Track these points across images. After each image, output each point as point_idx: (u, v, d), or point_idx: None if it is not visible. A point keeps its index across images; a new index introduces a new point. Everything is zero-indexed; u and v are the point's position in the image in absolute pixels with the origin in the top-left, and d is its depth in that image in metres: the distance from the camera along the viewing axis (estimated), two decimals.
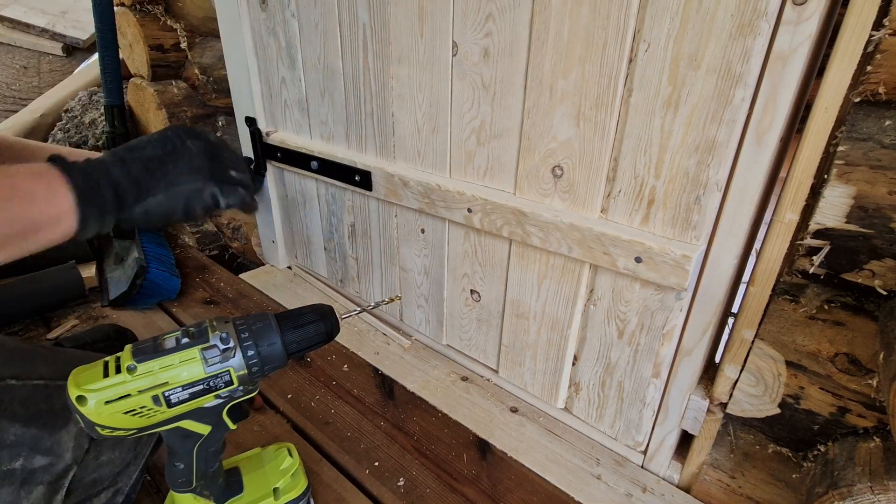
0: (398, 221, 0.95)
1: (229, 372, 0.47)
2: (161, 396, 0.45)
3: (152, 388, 0.44)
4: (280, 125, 1.11)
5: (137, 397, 0.44)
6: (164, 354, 0.45)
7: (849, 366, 0.56)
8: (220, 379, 0.47)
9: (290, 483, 0.55)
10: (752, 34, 0.50)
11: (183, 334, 0.47)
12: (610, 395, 0.77)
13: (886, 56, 0.44)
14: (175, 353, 0.46)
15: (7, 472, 0.51)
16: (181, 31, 1.35)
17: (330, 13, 0.88)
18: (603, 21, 0.58)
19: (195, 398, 0.47)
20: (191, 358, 0.46)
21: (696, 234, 0.60)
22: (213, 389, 0.47)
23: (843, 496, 0.50)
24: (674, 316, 0.65)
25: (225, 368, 0.47)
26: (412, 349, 1.03)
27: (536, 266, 0.76)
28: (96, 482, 0.59)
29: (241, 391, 0.49)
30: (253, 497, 0.53)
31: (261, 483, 0.54)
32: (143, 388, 0.44)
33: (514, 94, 0.69)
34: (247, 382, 0.49)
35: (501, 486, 0.75)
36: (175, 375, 0.45)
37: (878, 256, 0.51)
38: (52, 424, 0.54)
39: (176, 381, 0.45)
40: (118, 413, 0.44)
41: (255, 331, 0.49)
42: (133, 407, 0.44)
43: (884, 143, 0.47)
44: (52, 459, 0.54)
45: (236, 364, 0.47)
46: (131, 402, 0.44)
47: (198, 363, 0.46)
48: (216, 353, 0.46)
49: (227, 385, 0.48)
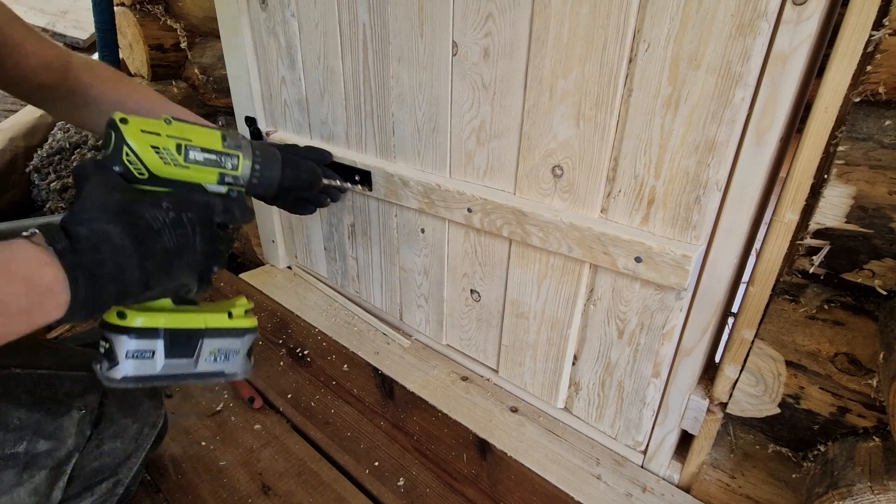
0: (398, 221, 0.95)
1: (238, 157, 0.57)
2: (183, 147, 0.52)
3: (178, 138, 0.52)
4: (280, 125, 1.11)
5: (165, 139, 0.51)
6: (193, 124, 0.55)
7: (849, 366, 0.56)
8: (229, 159, 0.56)
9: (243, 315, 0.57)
10: (752, 34, 0.50)
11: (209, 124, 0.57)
12: (610, 395, 0.77)
13: (886, 56, 0.44)
14: (201, 127, 0.56)
15: (10, 455, 0.52)
16: (181, 31, 1.35)
17: (330, 13, 0.88)
18: (603, 21, 0.58)
19: (206, 165, 0.54)
20: (213, 133, 0.56)
21: (696, 234, 0.60)
22: (220, 165, 0.55)
23: (843, 496, 0.50)
24: (674, 316, 0.65)
25: (236, 153, 0.57)
26: (412, 349, 1.03)
27: (536, 266, 0.76)
28: (97, 471, 0.60)
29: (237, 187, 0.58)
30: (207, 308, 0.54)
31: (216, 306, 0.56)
32: (171, 135, 0.52)
33: (514, 94, 0.69)
34: (245, 182, 0.58)
35: (501, 485, 0.75)
36: (198, 136, 0.54)
37: (878, 256, 0.51)
38: (56, 410, 0.55)
39: (197, 141, 0.54)
40: (147, 145, 0.50)
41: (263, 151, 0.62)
42: (159, 145, 0.51)
43: (884, 143, 0.47)
44: (54, 444, 0.54)
45: (246, 156, 0.58)
46: (159, 140, 0.51)
47: (218, 139, 0.56)
48: (233, 142, 0.57)
49: (233, 169, 0.57)
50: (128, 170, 0.49)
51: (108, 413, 0.61)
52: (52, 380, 0.57)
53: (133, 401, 0.65)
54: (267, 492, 0.74)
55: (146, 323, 0.48)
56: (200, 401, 0.90)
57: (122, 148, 0.48)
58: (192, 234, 0.50)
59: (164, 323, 0.49)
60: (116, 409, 0.62)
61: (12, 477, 0.52)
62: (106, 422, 0.61)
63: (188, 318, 0.52)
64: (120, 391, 0.60)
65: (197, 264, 0.52)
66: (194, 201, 0.52)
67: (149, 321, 0.48)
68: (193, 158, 0.53)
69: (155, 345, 0.49)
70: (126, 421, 0.63)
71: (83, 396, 0.58)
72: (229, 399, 0.91)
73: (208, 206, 0.54)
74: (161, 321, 0.49)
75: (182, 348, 0.51)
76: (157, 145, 0.50)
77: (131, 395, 0.65)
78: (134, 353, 0.48)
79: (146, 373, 0.49)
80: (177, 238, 0.48)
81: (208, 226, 0.53)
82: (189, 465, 0.78)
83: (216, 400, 0.90)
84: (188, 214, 0.50)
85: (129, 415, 0.64)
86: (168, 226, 0.48)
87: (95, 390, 0.60)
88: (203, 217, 0.52)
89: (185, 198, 0.52)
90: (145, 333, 0.48)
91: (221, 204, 0.55)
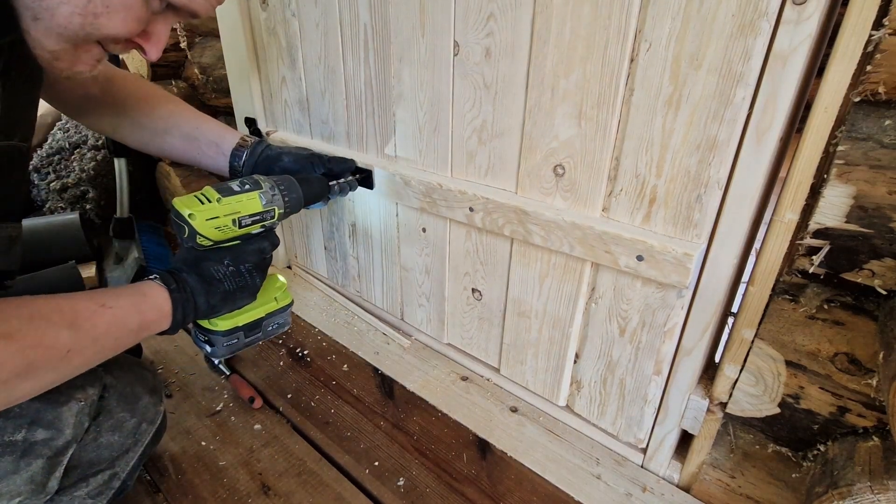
0: (399, 220, 0.95)
1: (274, 210, 0.71)
2: (237, 219, 0.67)
3: (232, 214, 0.66)
4: (280, 125, 1.11)
5: (223, 219, 0.65)
6: (237, 194, 0.67)
7: (848, 365, 0.56)
8: (269, 213, 0.71)
9: (283, 295, 0.76)
10: (753, 34, 0.50)
11: (241, 183, 0.69)
12: (611, 393, 0.77)
13: (886, 56, 0.45)
14: (244, 194, 0.68)
15: (8, 442, 0.52)
16: (181, 31, 1.35)
17: (330, 12, 0.88)
18: (604, 21, 0.58)
19: (253, 224, 0.69)
20: (253, 198, 0.69)
21: (698, 233, 0.60)
22: (262, 220, 0.70)
23: (843, 496, 0.50)
24: (675, 314, 0.65)
25: (272, 207, 0.71)
26: (412, 349, 1.03)
27: (538, 265, 0.77)
28: (94, 463, 0.60)
29: (275, 224, 0.74)
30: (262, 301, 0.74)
31: (265, 296, 0.74)
32: (226, 213, 0.66)
33: (516, 94, 0.69)
34: (279, 219, 0.73)
35: (501, 485, 0.75)
36: (244, 207, 0.67)
37: (877, 256, 0.51)
38: (55, 400, 0.56)
39: (245, 211, 0.68)
40: (212, 227, 0.64)
41: (287, 185, 0.74)
42: (220, 225, 0.65)
43: (883, 143, 0.47)
44: (52, 433, 0.55)
45: (278, 204, 0.72)
46: (220, 221, 0.65)
47: (258, 203, 0.69)
48: (267, 197, 0.70)
49: (271, 219, 0.71)
50: (199, 244, 0.66)
51: (108, 406, 0.62)
52: None
53: (132, 396, 0.65)
54: (267, 491, 0.73)
55: (230, 325, 0.69)
56: (200, 401, 0.90)
57: (196, 235, 0.64)
58: (249, 277, 0.69)
59: (241, 321, 0.70)
60: (116, 403, 0.63)
61: (9, 464, 0.52)
62: (105, 414, 0.61)
63: (253, 314, 0.72)
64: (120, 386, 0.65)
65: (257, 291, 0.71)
66: (250, 251, 0.69)
67: (231, 324, 0.69)
68: (244, 224, 0.68)
69: (238, 335, 0.71)
70: (125, 415, 0.63)
71: (83, 388, 0.59)
72: (229, 399, 0.91)
73: (261, 251, 0.71)
74: (239, 321, 0.70)
75: (253, 330, 0.73)
76: (220, 226, 0.65)
77: (131, 391, 0.65)
78: (226, 343, 0.70)
79: (235, 349, 0.72)
80: (236, 283, 0.67)
81: (264, 265, 0.72)
82: (189, 464, 0.78)
83: (216, 400, 0.90)
84: (245, 266, 0.68)
85: (128, 409, 0.64)
86: (228, 276, 0.66)
87: (96, 383, 0.61)
88: (259, 261, 0.70)
89: (242, 251, 0.69)
90: (230, 332, 0.69)
91: (268, 242, 0.72)
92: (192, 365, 0.99)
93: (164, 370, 0.97)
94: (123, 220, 1.26)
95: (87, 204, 1.39)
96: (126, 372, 0.66)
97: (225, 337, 0.69)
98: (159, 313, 0.60)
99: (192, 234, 0.64)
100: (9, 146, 0.55)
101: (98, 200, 1.39)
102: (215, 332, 0.69)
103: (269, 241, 0.73)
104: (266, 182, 0.71)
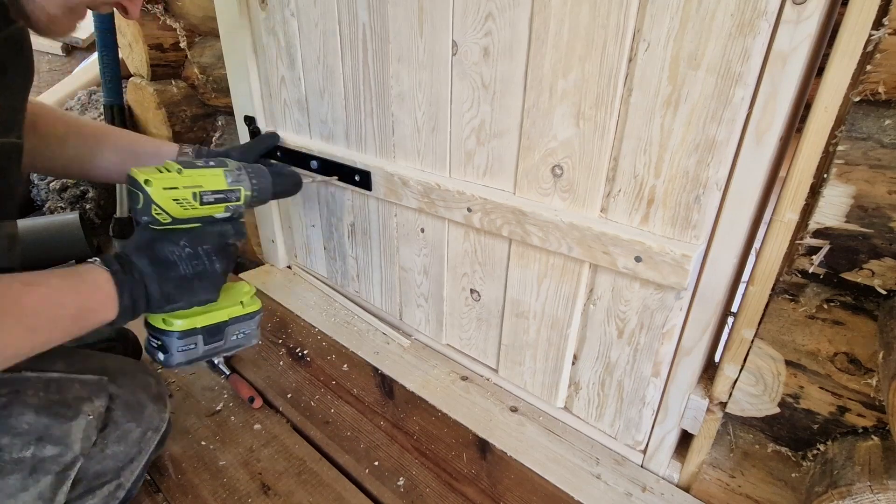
0: (398, 221, 0.95)
1: (240, 190, 0.67)
2: (198, 194, 0.62)
3: (193, 187, 0.62)
4: (279, 124, 1.11)
5: (182, 191, 0.61)
6: (201, 168, 0.64)
7: (848, 365, 0.56)
8: (233, 193, 0.66)
9: (250, 300, 0.72)
10: (752, 33, 0.50)
11: (206, 161, 0.67)
12: (610, 395, 0.77)
13: (886, 55, 0.44)
14: (207, 169, 0.65)
15: (18, 459, 0.52)
16: (180, 31, 1.35)
17: (329, 12, 0.88)
18: (603, 20, 0.58)
19: (216, 203, 0.65)
20: (217, 174, 0.65)
21: (696, 234, 0.60)
22: (227, 200, 0.66)
23: (843, 495, 0.50)
24: (673, 315, 0.65)
25: (238, 187, 0.67)
26: (412, 349, 1.03)
27: (536, 265, 0.76)
28: (100, 475, 0.60)
29: (241, 211, 0.70)
30: (226, 303, 0.69)
31: (230, 298, 0.70)
32: (186, 185, 0.61)
33: (514, 94, 0.69)
34: (246, 203, 0.69)
35: (501, 485, 0.75)
36: (207, 181, 0.64)
37: (877, 256, 0.51)
38: (64, 415, 0.55)
39: (208, 186, 0.64)
40: (170, 199, 0.60)
41: (255, 171, 0.71)
42: (179, 197, 0.61)
43: (883, 143, 0.47)
44: (61, 450, 0.55)
45: (245, 185, 0.68)
46: (179, 192, 0.60)
47: (222, 179, 0.65)
48: (233, 176, 0.67)
49: (237, 200, 0.67)
50: (155, 219, 0.61)
51: (114, 418, 0.61)
52: (62, 383, 0.57)
53: (137, 406, 0.65)
54: (267, 491, 0.74)
55: (186, 325, 0.63)
56: (200, 401, 0.90)
57: (151, 205, 0.59)
58: (208, 262, 0.64)
59: (200, 323, 0.65)
60: (122, 414, 0.62)
61: (18, 482, 0.52)
62: (111, 426, 0.61)
63: (215, 315, 0.67)
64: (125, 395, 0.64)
65: (219, 284, 0.66)
66: (209, 234, 0.65)
67: (188, 324, 0.63)
68: (207, 201, 0.64)
69: (196, 339, 0.65)
70: (130, 425, 0.63)
71: (91, 401, 0.58)
72: (229, 399, 0.91)
73: (222, 234, 0.66)
74: (198, 322, 0.64)
75: (214, 336, 0.67)
76: (178, 198, 0.61)
77: (136, 400, 0.65)
78: (182, 347, 0.64)
79: (191, 357, 0.66)
80: (193, 267, 0.62)
81: (226, 250, 0.67)
82: (189, 464, 0.78)
83: (216, 400, 0.90)
84: (204, 247, 0.63)
85: (134, 419, 0.64)
86: (183, 259, 0.61)
87: (103, 394, 0.60)
88: (218, 244, 0.65)
89: (201, 233, 0.64)
90: (188, 333, 0.63)
91: (231, 228, 0.68)
92: (192, 365, 0.99)
93: (163, 370, 0.98)
94: (123, 220, 1.26)
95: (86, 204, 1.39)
96: (130, 379, 0.66)
97: (181, 340, 0.63)
98: (103, 296, 0.55)
99: (147, 204, 0.59)
100: (6, 143, 0.55)
101: (98, 200, 1.39)
102: (170, 332, 0.62)
103: (234, 228, 0.68)
104: (233, 163, 0.69)
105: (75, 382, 0.58)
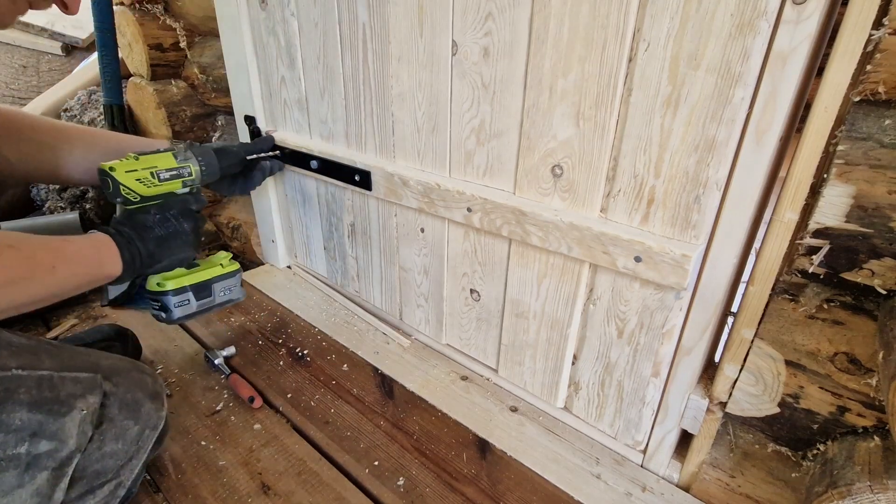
0: (398, 221, 0.95)
1: (189, 167, 0.80)
2: (154, 173, 0.75)
3: (149, 168, 0.75)
4: (279, 124, 1.11)
5: (141, 172, 0.74)
6: (153, 154, 0.77)
7: (848, 365, 0.56)
8: (185, 170, 0.80)
9: (228, 262, 0.87)
10: (752, 33, 0.50)
11: (156, 150, 0.79)
12: (609, 395, 0.77)
13: (886, 55, 0.44)
14: (158, 153, 0.78)
15: (12, 456, 0.52)
16: (180, 31, 1.35)
17: (329, 12, 0.88)
18: (603, 20, 0.58)
19: (172, 179, 0.78)
20: (167, 156, 0.79)
21: (696, 234, 0.60)
22: (180, 176, 0.79)
23: (843, 495, 0.50)
24: (673, 315, 0.65)
25: (187, 164, 0.80)
26: (412, 348, 1.03)
27: (536, 265, 0.76)
28: (99, 474, 0.60)
29: (196, 185, 0.83)
30: (207, 266, 0.85)
31: (211, 263, 0.86)
32: (144, 167, 0.74)
33: (514, 94, 0.69)
34: (199, 180, 0.82)
35: (501, 485, 0.75)
36: (160, 162, 0.77)
37: (877, 256, 0.51)
38: (57, 411, 0.56)
39: (161, 166, 0.77)
40: (133, 179, 0.73)
41: (200, 150, 0.83)
42: (139, 177, 0.74)
43: (883, 143, 0.47)
44: (56, 445, 0.55)
45: (193, 162, 0.81)
46: (138, 174, 0.73)
47: (171, 158, 0.79)
48: (182, 155, 0.80)
49: (189, 176, 0.80)
50: (126, 199, 0.74)
51: (110, 414, 0.61)
52: (53, 381, 0.57)
53: (134, 403, 0.65)
54: (267, 491, 0.74)
55: (176, 284, 0.78)
56: (200, 400, 0.90)
57: (119, 186, 0.72)
58: (177, 223, 0.77)
59: (187, 282, 0.80)
60: (118, 411, 0.62)
61: (14, 478, 0.52)
62: (107, 423, 0.61)
63: (200, 275, 0.82)
64: (122, 393, 0.64)
65: (191, 241, 0.79)
66: (174, 202, 0.78)
67: (177, 283, 0.78)
68: (164, 178, 0.77)
69: (188, 296, 0.80)
70: (128, 423, 0.63)
71: (84, 397, 0.59)
72: (229, 399, 0.91)
73: (185, 201, 0.80)
74: (185, 281, 0.79)
75: (203, 292, 0.83)
76: (139, 178, 0.74)
77: (132, 398, 0.65)
78: (177, 304, 0.78)
79: (188, 312, 0.81)
80: (165, 228, 0.75)
81: (189, 214, 0.79)
82: (189, 464, 0.78)
83: (216, 400, 0.90)
84: (171, 212, 0.77)
85: (131, 417, 0.64)
86: (157, 223, 0.75)
87: (97, 391, 0.60)
88: (183, 209, 0.78)
89: (167, 203, 0.78)
90: (179, 291, 0.78)
91: (194, 199, 0.81)
92: (192, 365, 0.99)
93: (163, 370, 0.97)
94: None
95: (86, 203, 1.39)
96: (125, 378, 0.66)
97: (175, 297, 0.77)
98: (110, 253, 0.67)
99: (116, 186, 0.72)
100: None
101: (98, 200, 1.39)
102: (165, 292, 0.77)
103: (195, 199, 0.82)
104: (181, 146, 0.82)
105: (67, 380, 0.59)
